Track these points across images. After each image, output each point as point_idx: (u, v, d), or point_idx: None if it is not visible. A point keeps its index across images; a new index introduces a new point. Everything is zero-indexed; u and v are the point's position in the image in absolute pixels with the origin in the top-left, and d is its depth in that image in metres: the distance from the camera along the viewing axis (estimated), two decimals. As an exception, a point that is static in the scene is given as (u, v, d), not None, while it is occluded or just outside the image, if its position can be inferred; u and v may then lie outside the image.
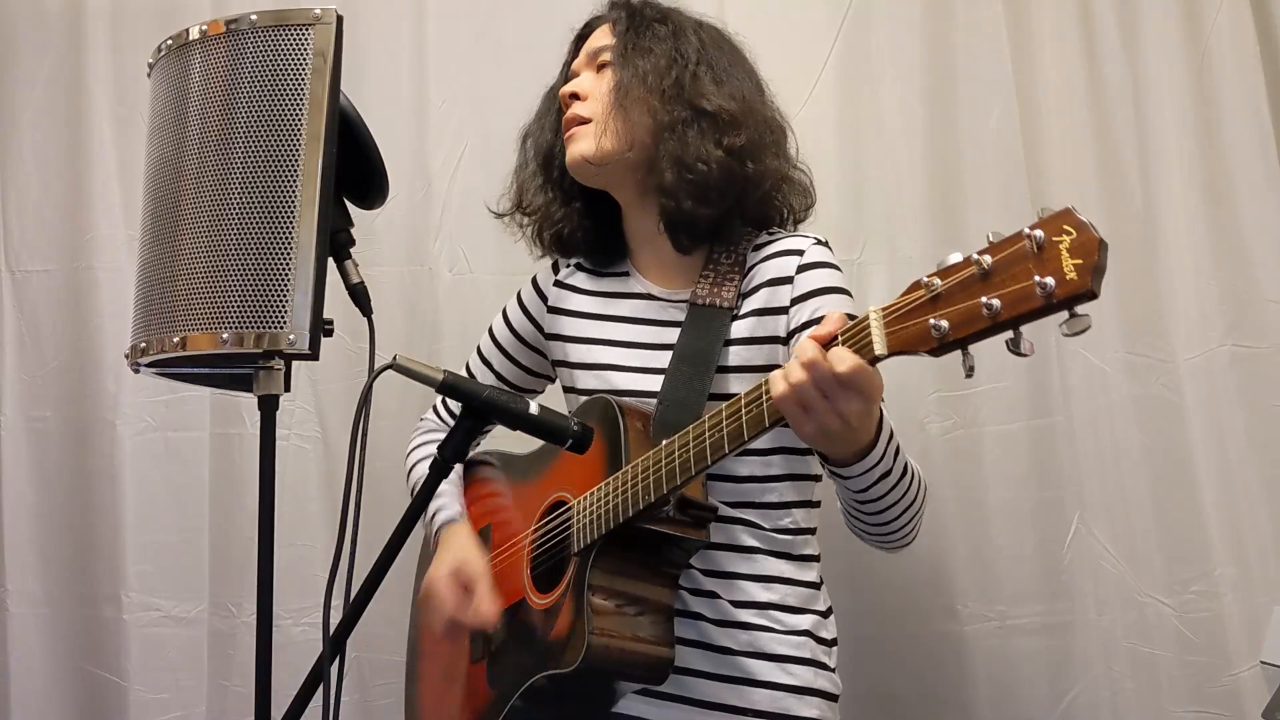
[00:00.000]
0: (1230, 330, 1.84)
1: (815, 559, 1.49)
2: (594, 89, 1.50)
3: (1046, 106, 1.92)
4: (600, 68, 1.52)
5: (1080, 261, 0.89)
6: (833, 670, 1.45)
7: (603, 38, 1.53)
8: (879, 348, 1.05)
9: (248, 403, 1.79)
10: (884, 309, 1.05)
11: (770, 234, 1.50)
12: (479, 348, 1.71)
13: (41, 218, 2.08)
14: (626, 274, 1.58)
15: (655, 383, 1.44)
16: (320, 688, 1.14)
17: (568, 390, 1.59)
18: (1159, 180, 1.89)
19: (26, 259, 2.07)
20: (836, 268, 1.46)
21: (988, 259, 0.96)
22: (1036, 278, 0.91)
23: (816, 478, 1.49)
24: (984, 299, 0.95)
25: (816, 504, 1.49)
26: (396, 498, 1.65)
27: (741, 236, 1.49)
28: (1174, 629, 1.81)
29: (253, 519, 1.21)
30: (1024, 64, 1.92)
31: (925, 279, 1.01)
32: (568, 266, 1.64)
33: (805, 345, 1.10)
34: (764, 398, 1.16)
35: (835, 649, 1.47)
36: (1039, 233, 0.92)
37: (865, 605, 1.83)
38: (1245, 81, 1.88)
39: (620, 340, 1.53)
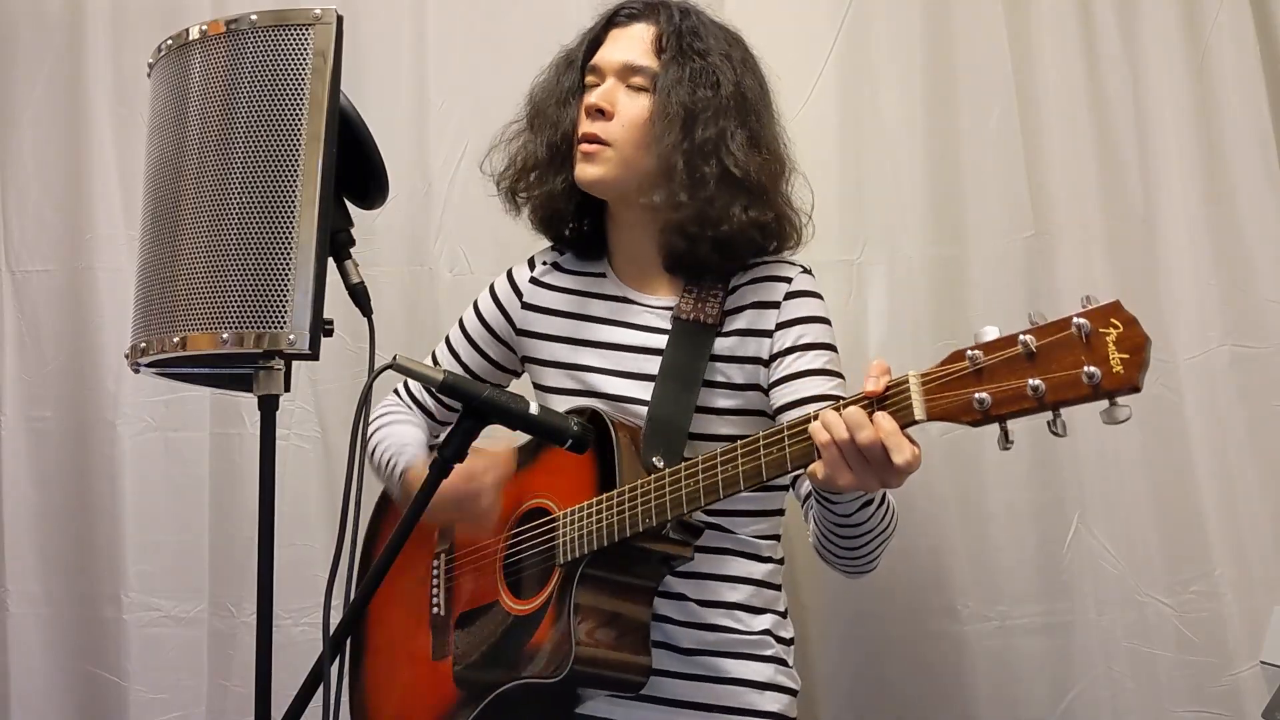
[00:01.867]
0: (1230, 330, 1.84)
1: (779, 562, 1.54)
2: (623, 110, 1.47)
3: (1046, 106, 1.92)
4: (633, 87, 1.48)
5: (1128, 356, 0.94)
6: (791, 667, 1.51)
7: (641, 50, 1.48)
8: (918, 413, 1.09)
9: (248, 403, 1.79)
10: (923, 375, 1.09)
11: (755, 256, 1.51)
12: (448, 337, 1.68)
13: (41, 218, 2.08)
14: (603, 275, 1.58)
15: (637, 389, 1.46)
16: (320, 688, 1.14)
17: (538, 387, 1.59)
18: (1159, 180, 1.89)
19: (26, 259, 2.07)
20: (820, 296, 1.50)
21: (1033, 340, 0.99)
22: (1086, 368, 0.95)
23: (784, 488, 1.51)
24: (1030, 381, 0.99)
25: (781, 512, 1.54)
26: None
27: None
28: (1174, 629, 1.81)
29: (253, 519, 1.21)
30: (1024, 64, 1.92)
31: (969, 351, 1.04)
32: (544, 264, 1.63)
33: (859, 418, 1.11)
34: (786, 443, 1.18)
35: (793, 648, 1.52)
36: (1085, 322, 0.96)
37: (865, 605, 1.83)
38: (1245, 81, 1.88)
39: (597, 341, 1.53)
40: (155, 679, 1.98)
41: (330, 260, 1.20)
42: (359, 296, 1.26)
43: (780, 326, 1.45)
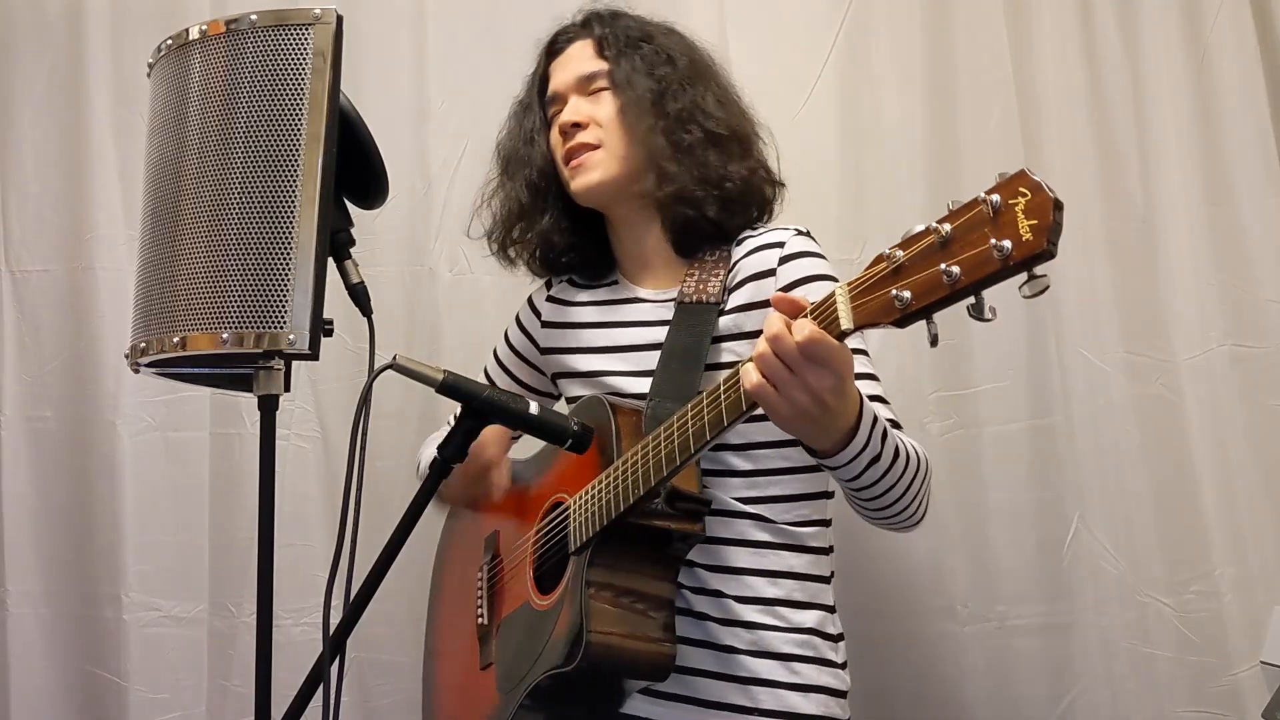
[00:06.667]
0: (1230, 330, 1.84)
1: (827, 551, 1.47)
2: (596, 114, 1.50)
3: (1046, 106, 1.92)
4: (594, 92, 1.51)
5: (1035, 222, 0.90)
6: (841, 666, 1.44)
7: (586, 60, 1.52)
8: (845, 322, 1.06)
9: (248, 403, 1.79)
10: (849, 284, 1.06)
11: (753, 228, 1.50)
12: (485, 370, 1.72)
13: (41, 218, 2.08)
14: (615, 282, 1.59)
15: (647, 384, 1.44)
16: (320, 688, 1.14)
17: (568, 401, 1.59)
18: (1159, 180, 1.89)
19: (26, 259, 2.07)
20: (819, 255, 1.46)
21: (946, 227, 0.97)
22: (993, 241, 0.92)
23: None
24: (943, 266, 0.96)
25: (830, 495, 1.48)
26: (396, 498, 1.64)
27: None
28: (1174, 629, 1.81)
29: (253, 519, 1.21)
30: (1024, 64, 1.93)
31: (888, 251, 1.01)
32: (560, 282, 1.65)
33: (771, 319, 1.10)
34: (740, 382, 1.15)
35: (843, 644, 1.46)
36: (995, 197, 0.93)
37: (864, 605, 1.82)
38: (1245, 81, 1.88)
39: (612, 346, 1.53)
40: (155, 679, 1.98)
41: (330, 260, 1.20)
42: (359, 296, 1.26)
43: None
